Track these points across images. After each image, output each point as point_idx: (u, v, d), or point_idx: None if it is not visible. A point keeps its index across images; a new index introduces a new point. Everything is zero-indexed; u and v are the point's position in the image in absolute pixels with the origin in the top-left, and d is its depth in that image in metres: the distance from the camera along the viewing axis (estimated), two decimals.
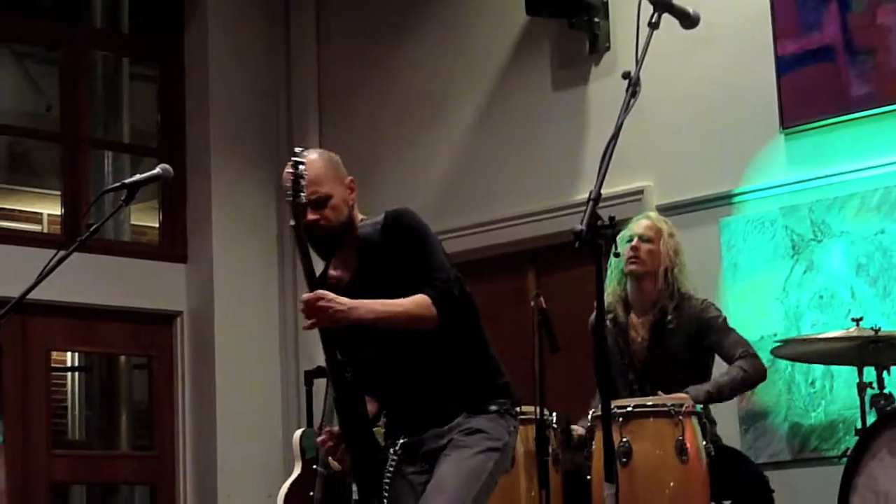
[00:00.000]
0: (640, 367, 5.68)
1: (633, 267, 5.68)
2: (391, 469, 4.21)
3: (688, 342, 5.62)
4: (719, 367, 5.68)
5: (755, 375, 5.59)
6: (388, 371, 4.20)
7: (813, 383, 6.36)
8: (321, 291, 4.01)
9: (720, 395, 5.50)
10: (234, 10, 8.59)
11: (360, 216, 4.33)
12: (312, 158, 4.20)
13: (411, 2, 8.17)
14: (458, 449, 4.11)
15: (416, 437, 4.22)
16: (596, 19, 7.22)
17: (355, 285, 4.19)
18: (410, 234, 4.21)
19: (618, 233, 4.94)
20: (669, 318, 5.63)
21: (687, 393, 5.37)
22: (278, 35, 8.67)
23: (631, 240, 5.67)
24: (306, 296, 4.01)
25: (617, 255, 5.29)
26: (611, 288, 5.67)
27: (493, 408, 4.19)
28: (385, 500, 4.18)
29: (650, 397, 5.35)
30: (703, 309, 5.67)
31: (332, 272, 4.37)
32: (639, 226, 5.73)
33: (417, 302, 4.07)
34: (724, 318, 5.69)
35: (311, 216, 4.14)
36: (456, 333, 4.17)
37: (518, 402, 4.31)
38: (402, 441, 4.22)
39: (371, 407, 4.28)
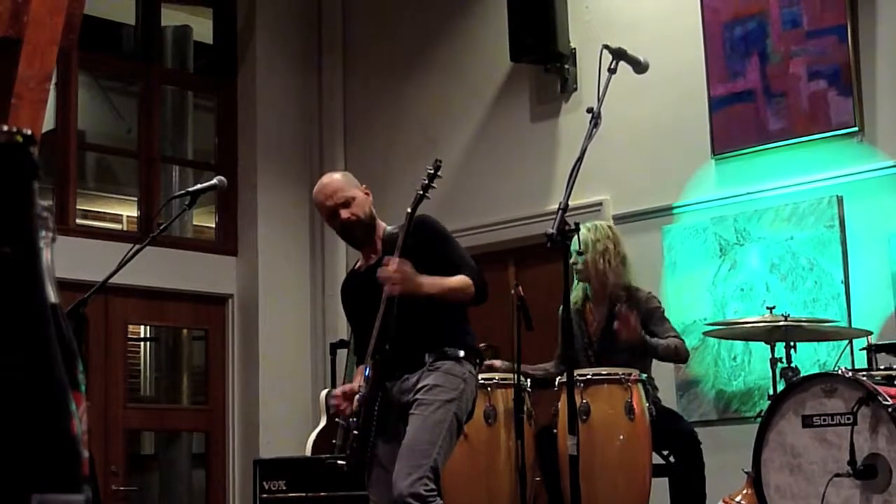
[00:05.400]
0: (596, 346, 5.68)
1: (579, 277, 5.70)
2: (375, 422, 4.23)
3: None
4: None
5: (683, 353, 5.58)
6: (394, 321, 4.17)
7: (735, 358, 6.37)
8: (408, 262, 4.06)
9: (655, 351, 5.49)
10: (278, 55, 8.56)
11: (383, 223, 4.39)
12: (335, 177, 4.41)
13: (419, 51, 8.16)
14: (421, 406, 4.15)
15: (390, 385, 4.23)
16: (566, 66, 7.23)
17: (377, 272, 4.19)
18: (437, 233, 4.33)
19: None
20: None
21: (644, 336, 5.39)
22: (312, 75, 8.65)
23: (571, 257, 5.63)
24: (400, 262, 4.05)
25: (581, 253, 5.41)
26: (576, 288, 5.68)
27: (461, 353, 4.24)
28: (370, 444, 4.20)
29: (605, 368, 5.35)
30: (647, 299, 5.66)
31: (360, 264, 4.43)
32: (573, 243, 5.63)
33: (463, 282, 4.17)
34: (663, 310, 5.70)
35: (343, 214, 4.26)
36: (453, 305, 4.24)
37: (483, 361, 4.36)
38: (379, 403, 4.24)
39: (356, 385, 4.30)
